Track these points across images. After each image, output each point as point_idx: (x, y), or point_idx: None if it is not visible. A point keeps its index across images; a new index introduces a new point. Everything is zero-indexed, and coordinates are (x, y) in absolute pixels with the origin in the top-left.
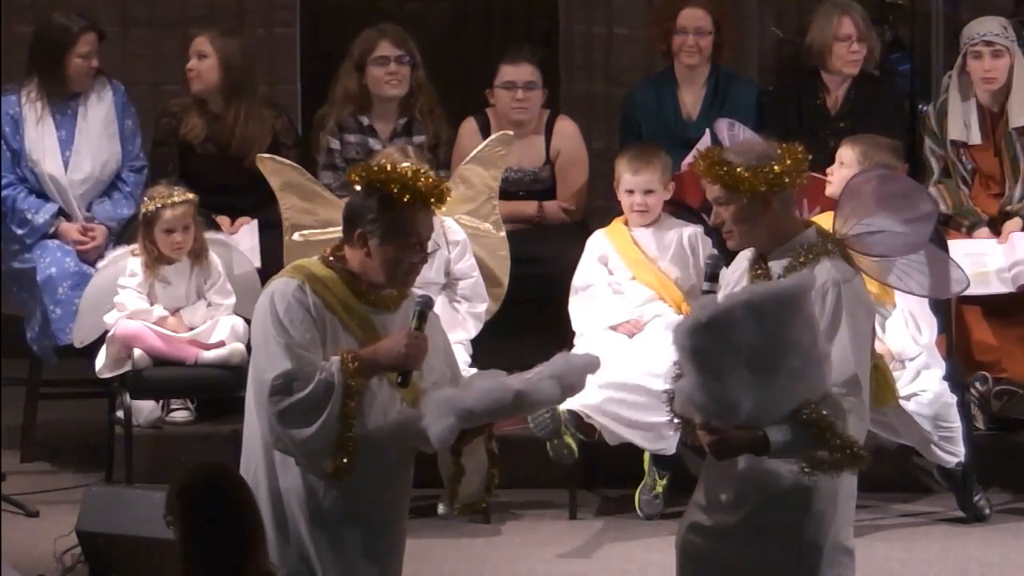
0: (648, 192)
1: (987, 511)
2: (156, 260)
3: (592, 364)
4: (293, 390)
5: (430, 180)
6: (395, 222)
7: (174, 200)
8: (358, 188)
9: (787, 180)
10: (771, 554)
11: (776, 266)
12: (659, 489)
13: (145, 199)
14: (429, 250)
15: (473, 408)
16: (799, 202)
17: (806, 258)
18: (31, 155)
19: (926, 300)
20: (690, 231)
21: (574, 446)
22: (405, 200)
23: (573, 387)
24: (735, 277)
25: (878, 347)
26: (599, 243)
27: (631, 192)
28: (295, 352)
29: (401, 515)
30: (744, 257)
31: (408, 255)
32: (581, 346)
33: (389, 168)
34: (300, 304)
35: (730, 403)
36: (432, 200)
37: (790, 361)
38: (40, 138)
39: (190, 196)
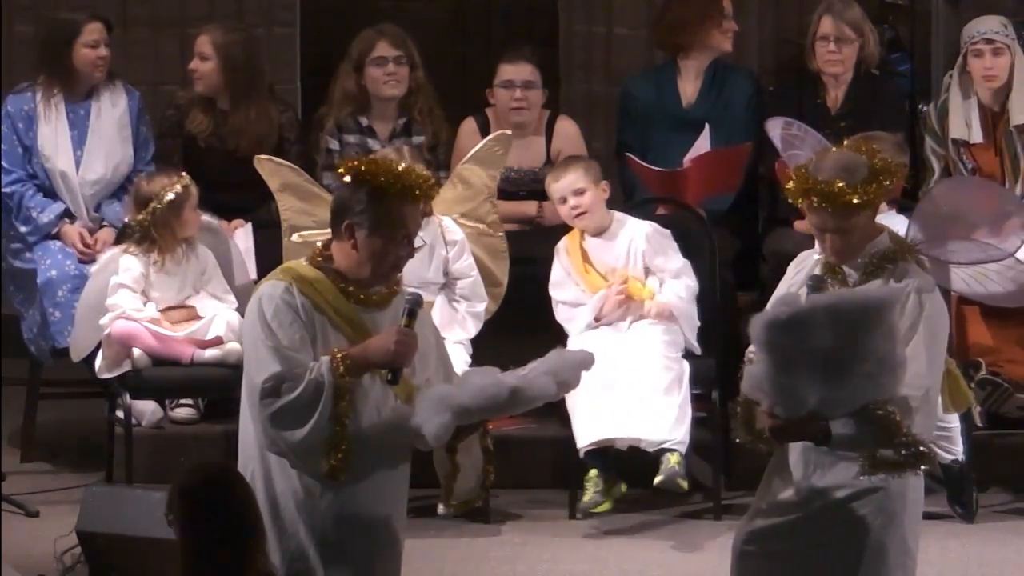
0: (578, 192)
1: (975, 508)
2: (172, 242)
3: (587, 360)
4: (283, 392)
5: (419, 174)
6: (383, 214)
7: (188, 180)
8: (347, 180)
9: (889, 186)
10: (837, 554)
11: (851, 270)
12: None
13: (160, 190)
14: (416, 245)
15: (469, 404)
16: None
17: (880, 265)
18: (43, 150)
19: None
20: (646, 230)
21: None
22: (394, 192)
23: (568, 383)
24: (799, 279)
25: None
26: (561, 251)
27: (564, 200)
28: (284, 354)
29: (399, 514)
30: (807, 258)
31: (395, 248)
32: (574, 345)
33: (379, 160)
34: (288, 306)
35: (796, 398)
36: (420, 193)
37: (865, 366)
38: (53, 134)
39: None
